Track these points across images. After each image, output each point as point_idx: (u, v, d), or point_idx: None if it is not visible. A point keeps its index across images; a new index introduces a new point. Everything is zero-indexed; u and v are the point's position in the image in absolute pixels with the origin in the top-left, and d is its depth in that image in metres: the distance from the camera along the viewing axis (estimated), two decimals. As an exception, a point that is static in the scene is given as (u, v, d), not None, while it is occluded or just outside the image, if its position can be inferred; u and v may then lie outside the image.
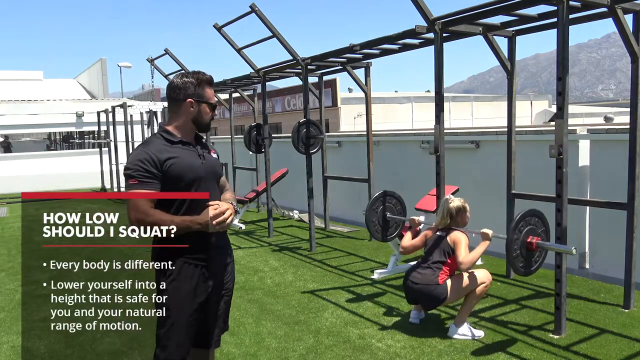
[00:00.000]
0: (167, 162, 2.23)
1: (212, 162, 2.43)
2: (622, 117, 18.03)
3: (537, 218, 3.67)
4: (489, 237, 3.78)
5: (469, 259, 3.72)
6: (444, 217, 3.95)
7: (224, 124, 27.21)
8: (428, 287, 3.80)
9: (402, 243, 4.24)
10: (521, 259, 3.62)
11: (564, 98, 3.66)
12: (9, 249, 7.32)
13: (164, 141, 2.31)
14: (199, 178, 2.30)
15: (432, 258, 3.89)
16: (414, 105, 26.53)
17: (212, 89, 2.41)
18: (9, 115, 18.62)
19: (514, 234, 3.56)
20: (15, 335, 4.09)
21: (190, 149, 2.35)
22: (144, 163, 2.20)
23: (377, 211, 4.93)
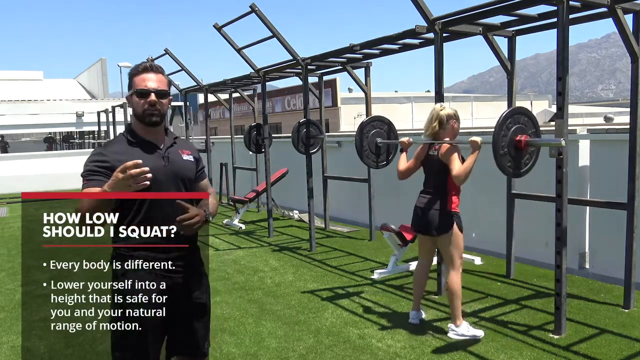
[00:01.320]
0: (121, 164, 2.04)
1: (179, 164, 2.23)
2: (622, 117, 18.04)
3: (527, 117, 3.50)
4: (479, 145, 3.58)
5: (462, 170, 3.58)
6: (432, 122, 3.79)
7: (224, 124, 27.23)
8: (436, 213, 3.73)
9: (398, 167, 4.08)
10: (509, 158, 3.44)
11: (564, 98, 3.66)
12: (9, 249, 7.32)
13: (125, 141, 2.19)
14: (157, 182, 2.08)
15: (434, 181, 3.81)
16: (414, 105, 26.56)
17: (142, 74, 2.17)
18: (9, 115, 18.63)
19: (501, 130, 3.36)
20: (15, 335, 4.09)
21: (153, 149, 2.19)
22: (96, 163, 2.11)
23: (367, 136, 4.77)
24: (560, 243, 3.77)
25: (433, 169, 3.84)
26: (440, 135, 3.83)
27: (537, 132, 3.57)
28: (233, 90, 10.56)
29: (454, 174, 3.62)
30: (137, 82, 2.16)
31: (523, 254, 5.60)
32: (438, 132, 3.82)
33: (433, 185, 3.84)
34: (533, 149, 3.56)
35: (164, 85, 2.20)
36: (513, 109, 3.52)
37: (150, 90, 2.15)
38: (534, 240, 5.68)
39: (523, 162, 3.54)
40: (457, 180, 3.63)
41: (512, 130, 3.44)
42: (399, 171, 4.08)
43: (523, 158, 3.52)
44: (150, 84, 2.15)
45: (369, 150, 4.80)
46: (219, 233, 8.19)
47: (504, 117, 3.41)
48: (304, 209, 7.88)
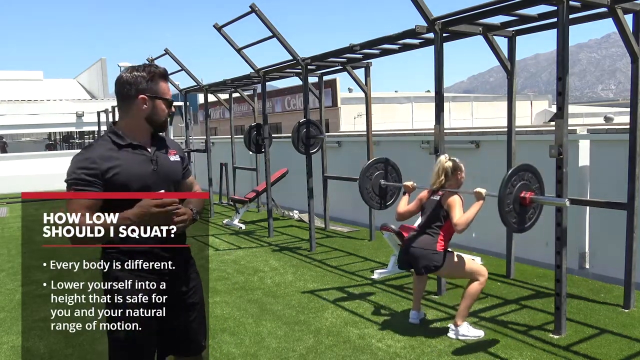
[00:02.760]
0: (110, 171, 2.03)
1: (168, 166, 2.19)
2: (622, 117, 18.03)
3: (531, 173, 3.56)
4: (483, 196, 3.65)
5: (463, 220, 3.64)
6: (439, 176, 3.88)
7: (224, 124, 27.22)
8: (426, 251, 3.77)
9: (397, 209, 4.14)
10: (514, 214, 3.50)
11: (564, 98, 3.66)
12: (9, 249, 7.32)
13: (111, 144, 2.10)
14: (148, 186, 2.07)
15: (428, 223, 3.85)
16: (414, 105, 26.54)
17: (167, 83, 2.18)
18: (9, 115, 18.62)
19: (507, 188, 3.44)
20: (15, 335, 4.09)
21: (142, 153, 2.13)
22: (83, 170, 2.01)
23: (371, 178, 4.83)
24: (560, 243, 3.77)
25: (432, 211, 3.89)
26: (446, 185, 3.89)
27: (541, 187, 3.62)
28: (233, 90, 10.56)
29: (455, 222, 3.67)
30: (164, 89, 2.17)
31: (523, 254, 5.60)
32: (445, 184, 3.90)
33: (427, 226, 3.87)
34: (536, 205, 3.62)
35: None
36: (519, 167, 3.58)
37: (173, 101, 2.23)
38: (534, 240, 5.67)
39: (527, 217, 3.61)
40: (457, 228, 3.68)
41: (517, 187, 3.51)
42: (398, 212, 4.13)
43: (527, 213, 3.59)
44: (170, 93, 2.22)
45: (373, 192, 4.87)
46: (219, 233, 8.19)
47: (510, 175, 3.49)
48: (304, 209, 7.88)
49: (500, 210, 3.46)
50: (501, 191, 3.44)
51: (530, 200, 3.50)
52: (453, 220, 3.69)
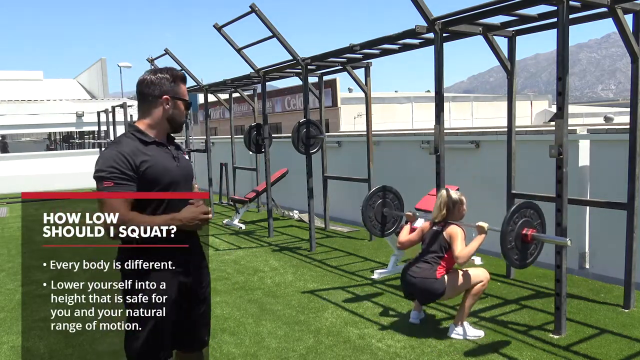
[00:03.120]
0: (143, 164, 2.09)
1: (186, 164, 2.30)
2: (622, 117, 18.04)
3: (533, 210, 3.63)
4: (485, 230, 3.73)
5: (465, 253, 3.70)
6: (441, 210, 3.93)
7: (224, 124, 27.23)
8: (426, 281, 3.80)
9: (399, 238, 4.22)
10: (516, 251, 3.57)
11: (564, 98, 3.66)
12: (9, 249, 7.32)
13: (137, 142, 2.16)
14: (175, 181, 2.17)
15: (429, 252, 3.89)
16: (414, 105, 26.54)
17: (185, 86, 2.30)
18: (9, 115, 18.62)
19: (509, 225, 3.51)
20: (15, 335, 4.09)
21: (165, 150, 2.22)
22: (119, 164, 2.05)
23: (373, 206, 4.89)
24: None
25: (433, 241, 3.91)
26: (448, 219, 3.93)
27: (543, 223, 3.67)
28: (233, 90, 10.56)
29: (457, 254, 3.71)
30: (184, 91, 2.28)
31: (523, 254, 5.60)
32: (446, 218, 3.94)
33: (428, 255, 3.89)
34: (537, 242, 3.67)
35: None
36: (520, 204, 3.63)
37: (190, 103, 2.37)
38: (534, 240, 5.68)
39: (529, 253, 3.66)
40: (458, 260, 3.72)
41: (519, 224, 3.57)
42: (400, 241, 4.19)
43: (529, 249, 3.64)
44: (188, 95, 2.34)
45: (375, 220, 4.93)
46: (219, 233, 8.19)
47: (512, 213, 3.55)
48: (304, 209, 7.88)
49: (503, 248, 3.55)
50: (503, 229, 3.51)
51: (532, 237, 3.57)
52: (455, 253, 3.73)
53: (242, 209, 8.80)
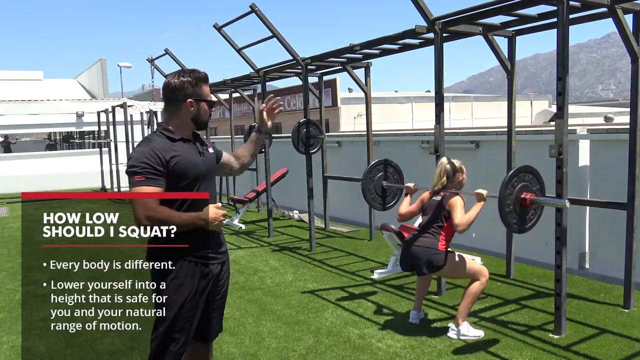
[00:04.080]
0: (172, 160, 2.23)
1: (210, 157, 2.45)
2: (622, 117, 18.03)
3: (532, 175, 3.57)
4: (484, 197, 3.67)
5: (464, 220, 3.66)
6: (441, 177, 3.90)
7: (224, 124, 27.21)
8: (427, 250, 3.78)
9: (399, 210, 4.16)
10: (515, 215, 3.52)
11: (564, 98, 3.66)
12: (9, 249, 7.32)
13: (166, 139, 2.31)
14: (201, 175, 2.32)
15: (429, 223, 3.86)
16: (414, 105, 26.54)
17: (208, 86, 2.42)
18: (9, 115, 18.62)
19: (507, 189, 3.46)
20: (15, 335, 4.09)
21: (191, 145, 2.37)
22: (150, 160, 2.19)
23: (373, 179, 4.85)
24: (560, 243, 3.77)
25: (433, 212, 3.89)
26: (448, 187, 3.91)
27: (542, 188, 3.61)
28: (233, 90, 10.56)
29: (457, 222, 3.68)
30: (207, 92, 2.39)
31: (523, 254, 5.60)
32: (446, 186, 3.91)
33: (429, 226, 3.87)
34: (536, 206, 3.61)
35: None
36: (519, 168, 3.58)
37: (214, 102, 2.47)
38: (534, 240, 5.67)
39: (528, 218, 3.61)
40: (457, 228, 3.69)
41: (518, 188, 3.51)
42: (400, 213, 4.15)
43: (528, 214, 3.59)
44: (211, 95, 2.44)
45: (375, 193, 4.88)
46: (219, 233, 8.18)
47: (510, 176, 3.49)
48: (304, 209, 7.88)
49: (501, 211, 3.48)
50: (501, 192, 3.45)
51: (531, 201, 3.51)
52: (455, 221, 3.70)
53: (242, 209, 8.80)
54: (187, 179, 2.26)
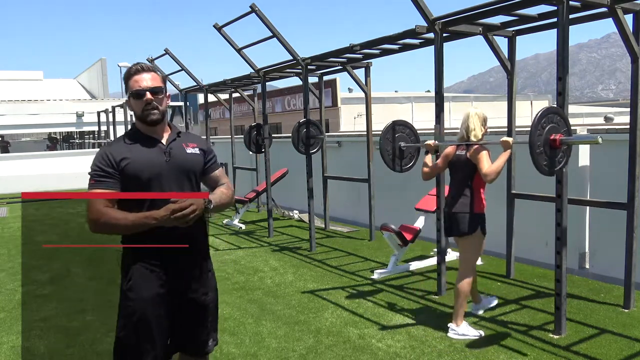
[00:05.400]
0: (123, 161, 2.12)
1: (183, 157, 2.23)
2: (622, 117, 18.04)
3: (559, 116, 3.52)
4: (510, 145, 3.68)
5: (492, 169, 3.65)
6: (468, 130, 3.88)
7: (224, 124, 27.23)
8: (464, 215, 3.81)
9: (423, 168, 4.18)
10: (545, 157, 3.48)
11: (564, 98, 3.66)
12: (9, 249, 7.31)
13: (128, 139, 2.22)
14: (158, 176, 2.14)
15: (460, 182, 3.89)
16: (414, 105, 26.56)
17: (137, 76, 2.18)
18: (9, 115, 18.63)
19: (537, 130, 3.41)
20: (15, 335, 4.09)
21: (154, 144, 2.20)
22: (101, 162, 2.13)
23: (390, 140, 4.80)
24: (560, 243, 3.77)
25: (460, 169, 3.90)
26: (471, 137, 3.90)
27: (569, 131, 3.58)
28: (233, 90, 10.56)
29: (484, 172, 3.67)
30: (132, 84, 2.18)
31: (523, 254, 5.60)
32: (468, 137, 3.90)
33: (460, 186, 3.89)
34: (566, 147, 3.58)
35: (157, 82, 2.20)
36: (547, 109, 3.53)
37: (145, 90, 2.16)
38: (534, 240, 5.68)
39: (557, 160, 3.56)
40: (486, 178, 3.69)
41: (547, 129, 3.47)
42: (425, 172, 4.18)
43: (557, 156, 3.55)
44: (143, 83, 2.17)
45: (393, 154, 4.80)
46: (219, 233, 8.19)
47: (539, 117, 3.43)
48: (304, 209, 7.88)
49: (532, 153, 3.42)
50: (532, 134, 3.40)
51: (560, 141, 3.46)
52: (482, 171, 3.69)
53: (242, 209, 8.81)
54: (140, 180, 2.12)
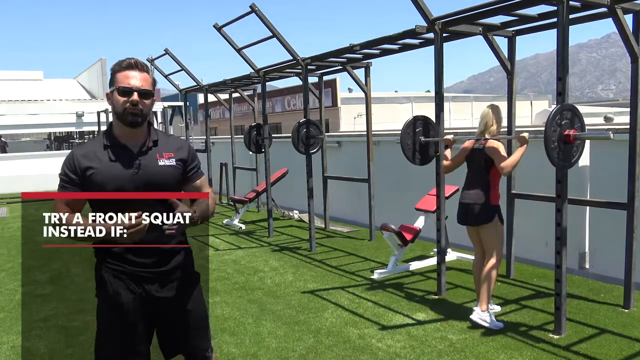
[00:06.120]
0: (88, 170, 2.00)
1: (153, 171, 2.05)
2: (622, 117, 18.03)
3: (573, 112, 3.61)
4: (526, 140, 3.83)
5: (509, 163, 3.84)
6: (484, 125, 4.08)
7: (224, 124, 27.22)
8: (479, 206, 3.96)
9: (443, 162, 4.37)
10: (559, 152, 3.57)
11: (564, 98, 3.66)
12: (9, 249, 7.32)
13: (99, 143, 2.06)
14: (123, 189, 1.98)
15: (477, 175, 4.03)
16: (414, 105, 26.56)
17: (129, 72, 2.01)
18: (9, 115, 18.61)
19: (552, 126, 3.51)
20: (15, 335, 4.09)
21: (124, 154, 2.04)
22: (67, 166, 2.03)
23: (411, 134, 4.86)
24: (560, 243, 3.77)
25: (477, 162, 4.06)
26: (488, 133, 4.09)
27: (582, 127, 3.67)
28: (233, 90, 10.56)
29: (501, 165, 3.84)
30: (120, 78, 2.00)
31: (523, 254, 5.60)
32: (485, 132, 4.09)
33: (476, 179, 4.04)
34: (579, 142, 3.67)
35: (148, 84, 2.03)
36: (562, 106, 3.61)
37: (134, 89, 1.99)
38: (534, 240, 5.68)
39: (571, 154, 3.65)
40: (502, 171, 3.86)
41: (561, 125, 3.56)
42: (445, 165, 4.37)
43: (571, 151, 3.64)
44: (133, 82, 2.00)
45: (413, 148, 4.89)
46: (219, 233, 8.19)
47: (554, 114, 3.53)
48: (304, 209, 7.88)
49: (547, 148, 3.52)
50: (547, 130, 3.49)
51: (574, 137, 3.56)
52: (498, 165, 3.85)
53: (242, 209, 8.80)
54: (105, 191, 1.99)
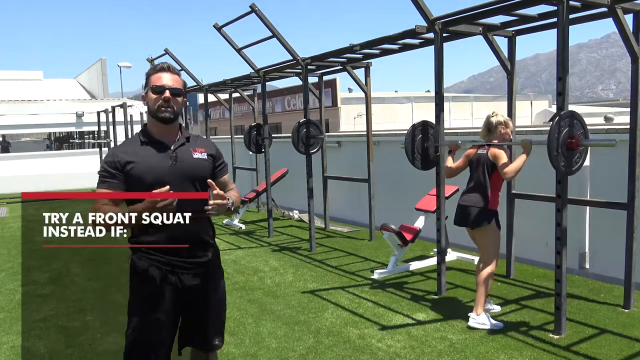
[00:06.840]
0: (128, 165, 2.18)
1: (189, 163, 2.26)
2: (622, 117, 18.03)
3: (576, 119, 3.63)
4: (530, 147, 3.86)
5: (512, 168, 3.87)
6: (486, 131, 4.09)
7: (224, 124, 27.23)
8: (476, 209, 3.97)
9: (446, 165, 4.39)
10: (562, 158, 3.58)
11: (564, 98, 3.66)
12: (9, 249, 7.32)
13: (137, 141, 2.27)
14: (161, 182, 2.11)
15: (478, 179, 4.04)
16: (414, 105, 26.57)
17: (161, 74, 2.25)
18: (9, 115, 18.62)
19: (555, 132, 3.52)
20: (15, 335, 4.09)
21: (161, 148, 2.24)
22: (108, 162, 2.20)
23: (415, 140, 4.89)
24: (560, 243, 3.77)
25: (480, 167, 4.06)
26: (490, 139, 4.08)
27: (586, 133, 3.69)
28: (233, 90, 10.56)
29: (504, 171, 3.87)
30: (154, 79, 2.25)
31: (523, 254, 5.60)
32: (489, 137, 4.09)
33: (478, 182, 4.04)
34: (582, 148, 3.69)
35: (179, 84, 2.27)
36: (565, 113, 3.62)
37: (165, 87, 2.23)
38: (534, 240, 5.68)
39: (574, 161, 3.67)
40: (505, 176, 3.89)
41: (564, 132, 3.57)
42: (448, 169, 4.37)
43: (574, 157, 3.65)
44: (165, 81, 2.24)
45: (418, 152, 4.92)
46: (219, 233, 8.19)
47: (557, 121, 3.55)
48: (304, 209, 7.88)
49: (550, 154, 3.54)
50: (550, 136, 3.51)
51: (578, 143, 3.58)
52: (501, 170, 3.87)
53: (242, 209, 8.81)
54: (144, 185, 2.14)
